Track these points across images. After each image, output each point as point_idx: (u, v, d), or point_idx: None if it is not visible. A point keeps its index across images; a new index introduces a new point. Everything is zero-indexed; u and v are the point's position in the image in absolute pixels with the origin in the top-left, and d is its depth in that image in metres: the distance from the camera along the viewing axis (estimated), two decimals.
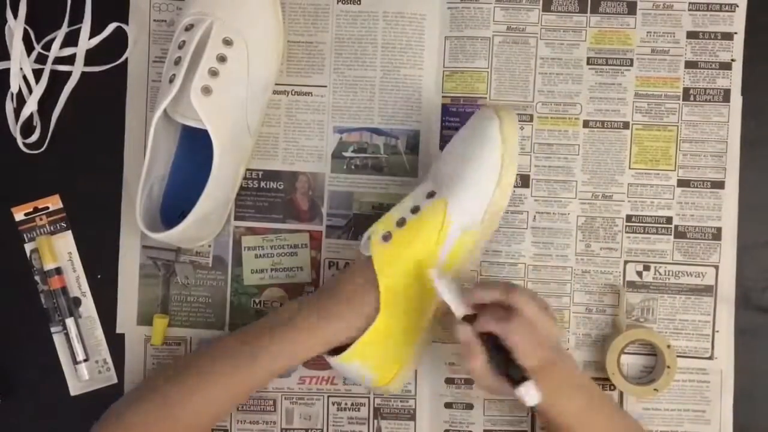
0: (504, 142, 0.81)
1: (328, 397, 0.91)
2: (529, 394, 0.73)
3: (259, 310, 0.91)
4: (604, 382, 0.89)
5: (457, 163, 0.82)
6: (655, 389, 0.87)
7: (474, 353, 0.76)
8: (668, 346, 0.87)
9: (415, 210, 0.81)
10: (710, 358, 0.89)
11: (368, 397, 0.91)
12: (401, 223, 0.81)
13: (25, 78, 0.91)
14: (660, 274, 0.90)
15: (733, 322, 0.90)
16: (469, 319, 0.77)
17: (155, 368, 0.92)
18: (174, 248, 0.92)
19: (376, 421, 0.91)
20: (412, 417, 0.91)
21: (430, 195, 0.82)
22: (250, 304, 0.91)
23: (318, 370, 0.91)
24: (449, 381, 0.91)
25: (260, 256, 0.91)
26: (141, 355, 0.92)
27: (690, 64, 0.90)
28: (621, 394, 0.89)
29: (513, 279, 0.90)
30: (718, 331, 0.89)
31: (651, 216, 0.90)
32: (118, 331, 0.92)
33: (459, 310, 0.78)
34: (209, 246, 0.92)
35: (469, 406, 0.91)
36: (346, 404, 0.91)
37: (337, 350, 0.82)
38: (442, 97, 0.91)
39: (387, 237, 0.80)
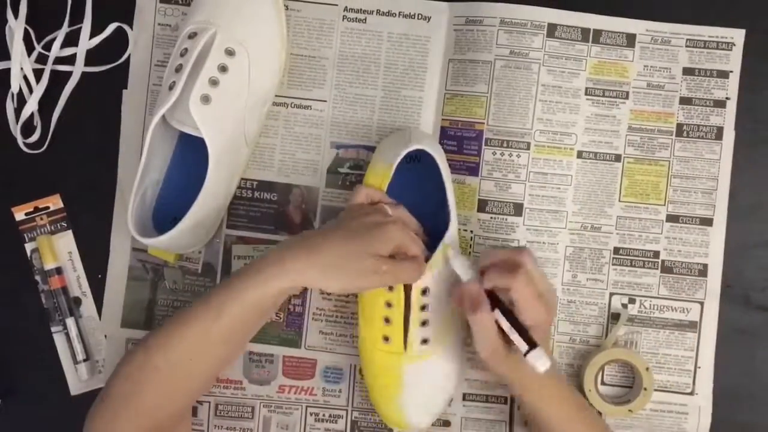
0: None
1: (307, 407, 0.91)
2: (541, 359, 0.75)
3: None
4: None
5: None
6: (629, 410, 0.88)
7: (481, 305, 0.78)
8: (647, 369, 0.88)
9: None
10: (691, 393, 0.90)
11: (346, 410, 0.91)
12: None
13: (25, 78, 0.91)
14: (645, 307, 0.90)
15: (713, 359, 0.90)
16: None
17: None
18: None
19: None
20: None
21: None
22: None
23: (298, 380, 0.91)
24: None
25: None
26: None
27: (684, 100, 0.91)
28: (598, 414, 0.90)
29: None
30: (700, 367, 0.90)
31: (638, 249, 0.90)
32: (103, 332, 0.91)
33: (467, 275, 0.80)
34: (200, 252, 0.91)
35: (447, 423, 0.91)
36: (324, 415, 0.91)
37: None
38: (442, 119, 0.91)
39: None
